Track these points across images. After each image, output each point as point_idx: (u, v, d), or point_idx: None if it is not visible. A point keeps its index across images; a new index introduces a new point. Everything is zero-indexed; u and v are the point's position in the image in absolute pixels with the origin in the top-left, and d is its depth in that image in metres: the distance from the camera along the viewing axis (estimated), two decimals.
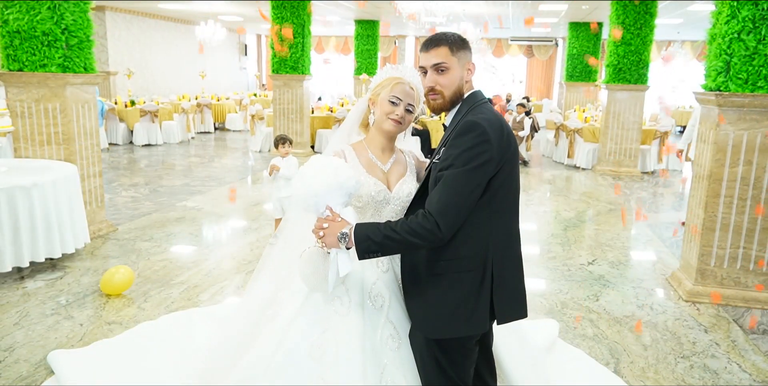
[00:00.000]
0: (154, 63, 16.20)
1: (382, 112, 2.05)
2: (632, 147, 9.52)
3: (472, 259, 1.78)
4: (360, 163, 2.06)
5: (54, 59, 4.76)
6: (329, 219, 1.80)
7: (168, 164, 9.69)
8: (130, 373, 2.83)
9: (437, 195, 1.71)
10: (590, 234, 5.88)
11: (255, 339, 2.07)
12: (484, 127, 1.72)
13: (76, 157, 5.06)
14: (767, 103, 3.80)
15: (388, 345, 1.96)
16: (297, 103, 10.47)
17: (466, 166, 1.69)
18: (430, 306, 1.82)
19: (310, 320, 1.98)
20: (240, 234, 5.54)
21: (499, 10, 13.29)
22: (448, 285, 1.79)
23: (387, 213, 2.06)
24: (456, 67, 1.88)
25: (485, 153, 1.71)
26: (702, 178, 4.16)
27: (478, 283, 1.79)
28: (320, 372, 1.90)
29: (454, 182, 1.69)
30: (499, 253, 1.81)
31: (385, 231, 1.71)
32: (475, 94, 1.92)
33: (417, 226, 1.69)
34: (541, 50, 20.76)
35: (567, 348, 3.26)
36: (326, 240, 1.78)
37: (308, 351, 1.93)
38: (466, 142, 1.72)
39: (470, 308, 1.79)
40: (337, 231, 1.76)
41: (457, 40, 1.89)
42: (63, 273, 4.33)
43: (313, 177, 1.80)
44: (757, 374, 3.12)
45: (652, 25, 9.17)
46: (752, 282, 4.05)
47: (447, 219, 1.68)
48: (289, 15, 10.10)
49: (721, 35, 3.95)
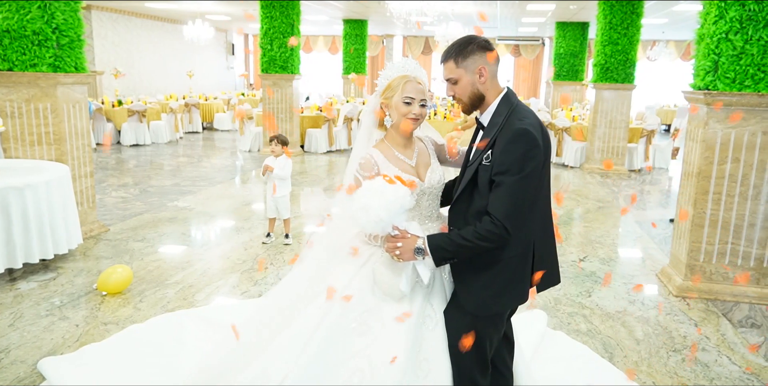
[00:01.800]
0: (141, 62, 16.08)
1: (399, 114, 2.11)
2: (620, 145, 9.64)
3: (517, 247, 1.95)
4: (390, 163, 2.13)
5: (45, 59, 4.73)
6: (400, 237, 1.95)
7: (157, 164, 9.63)
8: (124, 378, 2.80)
9: (501, 202, 1.86)
10: (581, 232, 5.95)
11: (293, 320, 2.12)
12: (533, 134, 1.87)
13: (68, 158, 5.03)
14: (754, 102, 3.88)
15: (426, 325, 2.06)
16: (286, 102, 10.46)
17: (522, 172, 1.85)
18: (482, 287, 1.98)
19: (358, 296, 2.05)
20: (233, 234, 5.54)
21: (488, 10, 13.36)
22: (499, 268, 1.96)
23: (424, 202, 2.16)
24: (464, 76, 2.00)
25: (536, 158, 1.87)
26: (691, 176, 4.24)
27: (523, 264, 1.98)
28: (365, 345, 2.00)
29: (515, 188, 1.85)
30: (540, 235, 2.01)
31: (457, 240, 1.89)
32: (511, 95, 2.03)
33: (487, 233, 1.86)
34: (528, 50, 20.91)
35: (571, 343, 3.32)
36: (403, 256, 1.95)
37: (353, 327, 2.03)
38: (519, 148, 1.86)
39: (516, 284, 1.99)
40: (412, 247, 1.93)
41: (460, 52, 1.99)
42: (56, 274, 4.31)
43: (378, 206, 1.90)
44: (747, 366, 3.19)
45: (639, 24, 9.28)
46: (740, 277, 4.13)
47: (514, 222, 1.85)
48: (278, 14, 10.09)
49: (709, 35, 4.03)
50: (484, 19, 13.49)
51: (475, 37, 2.01)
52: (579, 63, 14.86)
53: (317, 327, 2.03)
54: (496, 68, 2.04)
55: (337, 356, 2.00)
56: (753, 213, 4.05)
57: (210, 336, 3.12)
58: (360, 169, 2.10)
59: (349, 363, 1.99)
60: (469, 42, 1.99)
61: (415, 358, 2.00)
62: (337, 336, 2.02)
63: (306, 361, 1.98)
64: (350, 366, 1.99)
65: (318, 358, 1.99)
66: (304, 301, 2.13)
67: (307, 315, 2.08)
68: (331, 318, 2.03)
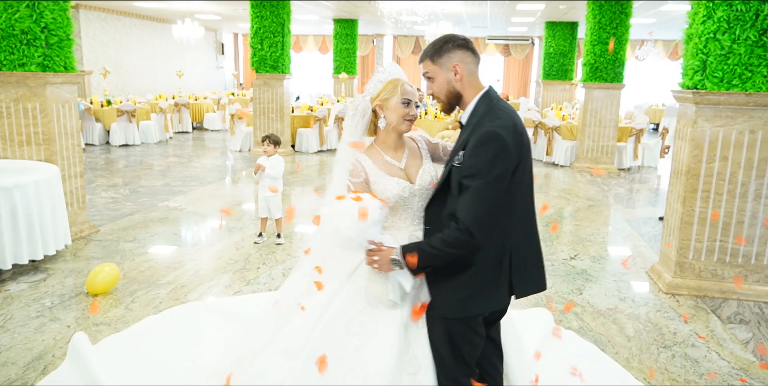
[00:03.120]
0: (130, 62, 15.96)
1: (398, 115, 2.13)
2: (609, 144, 9.71)
3: (493, 249, 1.91)
4: (378, 167, 2.14)
5: (33, 58, 4.69)
6: (376, 251, 1.98)
7: (147, 164, 9.58)
8: (146, 368, 2.84)
9: (467, 206, 1.83)
10: (571, 230, 5.99)
11: (290, 320, 2.15)
12: (503, 138, 1.82)
13: (57, 158, 4.99)
14: (741, 101, 3.93)
15: (415, 323, 2.08)
16: (277, 102, 10.44)
17: (490, 175, 1.81)
18: (453, 289, 1.96)
19: (349, 299, 2.09)
20: (224, 234, 5.52)
21: (478, 10, 13.41)
22: (471, 273, 1.93)
23: (416, 203, 2.15)
24: (440, 73, 2.00)
25: (506, 161, 1.83)
26: (680, 174, 4.28)
27: (497, 269, 1.93)
28: (357, 344, 2.03)
29: (482, 193, 1.81)
30: (518, 241, 1.95)
31: (427, 249, 1.89)
32: (490, 95, 1.99)
33: (453, 240, 1.84)
34: (518, 49, 21.00)
35: (579, 342, 3.32)
36: (382, 268, 1.97)
37: (346, 326, 2.05)
38: (488, 152, 1.82)
39: (490, 288, 1.95)
40: (388, 258, 1.94)
41: (436, 50, 1.99)
42: (46, 275, 4.27)
43: (347, 227, 1.95)
44: (735, 361, 3.24)
45: (628, 24, 9.36)
46: (729, 274, 4.18)
47: (482, 228, 1.82)
48: (268, 13, 10.07)
49: (697, 35, 4.07)
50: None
51: (454, 36, 1.99)
52: (568, 62, 14.95)
53: (315, 326, 2.05)
54: (475, 67, 2.01)
55: (332, 356, 2.02)
56: (741, 211, 4.10)
57: (226, 326, 3.16)
58: (349, 175, 2.13)
59: (343, 362, 2.02)
60: (447, 40, 1.98)
61: (405, 357, 2.03)
62: (333, 335, 2.05)
63: (304, 361, 2.01)
64: (344, 365, 2.01)
65: (315, 358, 2.02)
66: (304, 298, 2.17)
67: (306, 314, 2.10)
68: (328, 317, 2.06)
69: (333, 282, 2.14)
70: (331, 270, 2.16)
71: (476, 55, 2.01)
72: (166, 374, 2.76)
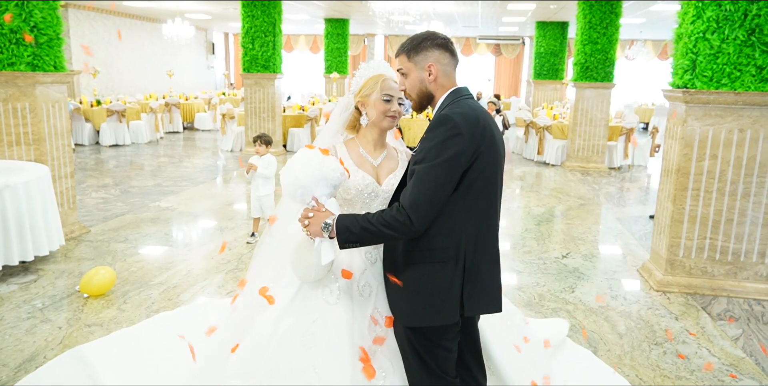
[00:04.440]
0: (120, 62, 15.86)
1: (379, 111, 2.10)
2: (600, 143, 9.77)
3: (445, 251, 1.80)
4: (350, 157, 2.12)
5: (23, 57, 4.65)
6: (314, 209, 1.89)
7: (137, 164, 9.52)
8: (143, 366, 2.81)
9: (410, 189, 1.76)
10: (563, 229, 6.03)
11: (247, 332, 2.09)
12: (455, 121, 1.74)
13: (47, 158, 4.95)
14: (731, 100, 3.97)
15: (376, 333, 2.02)
16: (269, 101, 10.41)
17: (437, 159, 1.72)
18: (407, 294, 1.87)
19: (301, 310, 2.03)
20: (216, 234, 5.51)
21: (469, 10, 13.44)
22: (422, 275, 1.83)
23: (376, 206, 2.11)
24: (414, 70, 1.92)
25: (456, 146, 1.72)
26: (671, 172, 4.32)
27: (451, 274, 1.81)
28: (312, 359, 1.95)
29: (426, 176, 1.73)
30: (473, 246, 1.82)
31: (363, 223, 1.78)
32: (459, 90, 1.91)
33: (391, 219, 1.74)
34: (509, 49, 21.06)
35: (575, 348, 3.27)
36: (311, 228, 1.87)
37: (301, 339, 1.98)
38: (438, 135, 1.75)
39: (443, 298, 1.81)
40: (321, 220, 1.85)
41: (413, 46, 1.91)
42: (36, 276, 4.24)
43: (300, 169, 1.88)
44: (726, 358, 3.27)
45: (617, 24, 9.42)
46: (718, 271, 4.22)
47: (419, 212, 1.72)
48: (259, 13, 10.04)
49: (687, 34, 4.11)
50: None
51: (434, 34, 1.91)
52: (559, 62, 15.02)
53: (268, 343, 1.99)
54: (451, 69, 1.93)
55: (289, 373, 1.95)
56: (730, 209, 4.14)
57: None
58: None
59: (300, 378, 1.94)
60: (426, 38, 1.90)
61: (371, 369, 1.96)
62: (288, 351, 1.97)
63: (259, 380, 1.94)
64: (301, 380, 1.94)
65: (271, 377, 1.95)
66: (257, 306, 2.10)
67: (258, 328, 2.03)
68: (282, 331, 1.99)
69: (286, 291, 2.06)
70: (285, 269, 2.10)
71: (454, 56, 1.94)
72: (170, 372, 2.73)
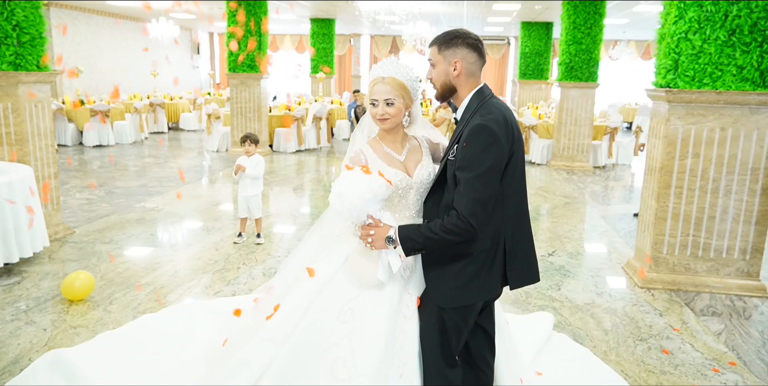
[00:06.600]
0: (103, 61, 15.69)
1: (371, 115, 2.21)
2: (584, 142, 9.86)
3: (488, 240, 1.99)
4: (378, 157, 2.19)
5: (5, 57, 4.58)
6: (372, 226, 2.03)
7: (122, 165, 9.44)
8: (136, 366, 2.79)
9: (464, 198, 1.90)
10: (549, 227, 6.08)
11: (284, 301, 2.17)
12: (491, 129, 1.90)
13: (30, 158, 4.89)
14: (712, 99, 4.03)
15: (403, 314, 2.11)
16: (255, 101, 10.37)
17: (481, 167, 1.89)
18: (448, 279, 2.01)
19: (341, 286, 2.12)
20: (203, 235, 5.48)
21: (454, 10, 13.49)
22: (466, 262, 2.00)
23: (412, 197, 2.20)
24: (441, 63, 2.06)
25: (496, 152, 1.90)
26: (654, 171, 4.38)
27: (491, 259, 2.01)
28: (347, 332, 2.05)
29: (476, 184, 1.89)
30: (511, 231, 2.02)
31: (425, 232, 1.95)
32: (482, 91, 2.06)
33: (453, 227, 1.90)
34: (494, 49, 21.18)
35: (571, 346, 3.29)
36: (375, 244, 2.02)
37: (338, 314, 2.09)
38: (478, 144, 1.90)
39: (484, 278, 2.01)
40: (384, 235, 2.00)
41: (446, 41, 2.05)
42: (20, 278, 4.19)
43: (351, 194, 1.98)
44: (708, 352, 3.32)
45: (601, 24, 9.51)
46: (701, 268, 4.29)
47: (478, 218, 1.89)
48: (246, 13, 9.99)
49: (669, 35, 4.17)
50: None
51: (468, 33, 2.05)
52: (544, 62, 15.14)
53: (305, 313, 2.08)
54: (476, 68, 2.06)
55: (321, 343, 2.05)
56: (712, 206, 4.21)
57: (217, 324, 3.13)
58: (350, 162, 2.19)
59: (333, 350, 2.04)
60: (459, 35, 2.04)
61: (394, 348, 2.05)
62: (324, 322, 2.08)
63: (290, 348, 2.04)
64: (333, 353, 2.04)
65: (304, 345, 2.04)
66: (294, 286, 2.19)
67: (296, 301, 2.13)
68: (319, 303, 2.09)
69: (327, 268, 2.17)
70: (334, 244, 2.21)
71: (482, 57, 2.06)
72: (155, 373, 2.72)
